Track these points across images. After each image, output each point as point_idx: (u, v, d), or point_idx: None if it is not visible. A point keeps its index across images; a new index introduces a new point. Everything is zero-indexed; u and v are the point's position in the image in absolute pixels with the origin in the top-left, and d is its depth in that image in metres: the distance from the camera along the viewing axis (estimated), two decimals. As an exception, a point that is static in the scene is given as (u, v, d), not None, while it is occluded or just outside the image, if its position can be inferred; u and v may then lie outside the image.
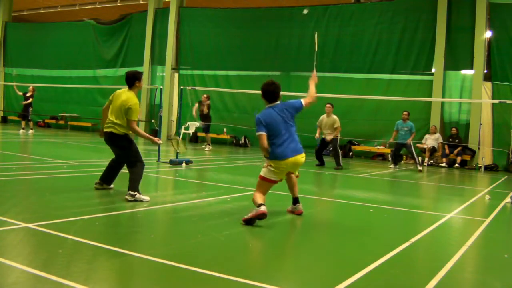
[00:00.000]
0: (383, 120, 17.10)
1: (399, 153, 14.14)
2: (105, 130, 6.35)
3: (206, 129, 16.47)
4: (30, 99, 18.50)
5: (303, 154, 5.67)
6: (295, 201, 6.00)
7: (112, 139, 6.30)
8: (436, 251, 4.80)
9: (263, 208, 5.19)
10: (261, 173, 5.64)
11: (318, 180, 10.77)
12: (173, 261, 3.65)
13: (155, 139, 6.61)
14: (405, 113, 13.66)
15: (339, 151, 12.93)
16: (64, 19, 27.40)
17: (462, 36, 16.07)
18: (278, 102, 5.70)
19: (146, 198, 6.10)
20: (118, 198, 6.40)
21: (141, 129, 20.90)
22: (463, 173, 14.14)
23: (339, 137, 13.09)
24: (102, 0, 25.26)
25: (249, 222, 5.17)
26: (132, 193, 6.01)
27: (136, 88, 6.39)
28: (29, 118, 18.76)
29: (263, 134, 5.53)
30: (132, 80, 6.33)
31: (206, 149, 16.21)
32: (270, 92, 5.64)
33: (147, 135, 6.62)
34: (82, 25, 24.37)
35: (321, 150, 13.10)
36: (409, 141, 13.39)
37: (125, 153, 6.35)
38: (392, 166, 13.87)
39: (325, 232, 5.49)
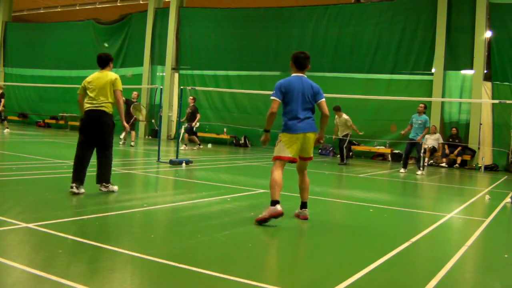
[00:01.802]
0: (383, 120, 17.11)
1: (409, 155, 13.11)
2: (94, 108, 6.35)
3: (188, 131, 15.92)
4: (2, 100, 18.29)
5: (313, 134, 5.57)
6: (303, 205, 5.78)
7: (101, 118, 6.36)
8: (436, 251, 4.79)
9: (279, 207, 5.19)
10: (274, 153, 5.54)
11: (318, 180, 10.76)
12: (173, 261, 3.65)
13: (126, 126, 7.04)
14: (421, 105, 12.75)
15: (344, 148, 13.80)
16: (64, 19, 27.42)
17: (462, 36, 16.08)
18: (304, 75, 5.63)
19: (116, 187, 6.55)
20: (118, 198, 6.40)
21: (141, 129, 20.86)
22: (463, 173, 14.14)
23: (349, 134, 14.16)
24: (102, 0, 25.27)
25: (264, 221, 5.18)
26: (106, 184, 6.44)
27: (109, 68, 6.68)
28: (2, 118, 18.57)
29: (276, 100, 5.45)
30: (106, 61, 6.64)
31: (182, 148, 15.79)
32: (300, 59, 5.61)
33: (123, 114, 6.73)
34: (82, 25, 24.41)
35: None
36: (420, 138, 12.41)
37: (107, 134, 6.46)
38: (402, 170, 12.73)
39: (325, 232, 5.49)
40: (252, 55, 19.66)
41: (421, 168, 12.63)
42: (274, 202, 5.25)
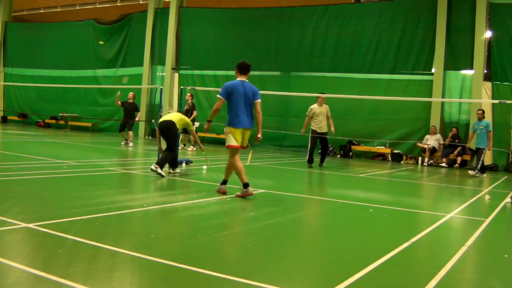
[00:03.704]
0: (383, 120, 17.11)
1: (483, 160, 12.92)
2: (165, 119, 8.87)
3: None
4: None
5: (251, 130, 6.94)
6: (245, 185, 6.81)
7: (169, 127, 8.85)
8: (436, 251, 4.80)
9: (250, 189, 6.73)
10: (226, 143, 6.99)
11: (318, 180, 10.77)
12: (173, 261, 3.65)
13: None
14: (479, 111, 12.92)
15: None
16: (64, 19, 27.41)
17: (462, 36, 16.07)
18: (247, 80, 6.99)
19: (164, 174, 8.44)
20: (118, 198, 6.41)
21: (141, 129, 20.78)
22: (463, 173, 14.13)
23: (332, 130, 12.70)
24: (102, 0, 25.26)
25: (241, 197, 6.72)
26: (156, 165, 8.38)
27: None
28: None
29: (221, 99, 6.89)
30: None
31: (189, 149, 15.73)
32: (244, 67, 7.02)
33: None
34: (82, 25, 24.38)
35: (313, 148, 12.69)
36: (490, 145, 12.56)
37: (172, 137, 8.84)
38: (478, 174, 12.78)
39: (325, 232, 5.49)
40: (252, 55, 19.59)
41: (477, 170, 12.75)
42: (245, 185, 6.72)
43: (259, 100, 6.94)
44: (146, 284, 3.32)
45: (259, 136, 6.97)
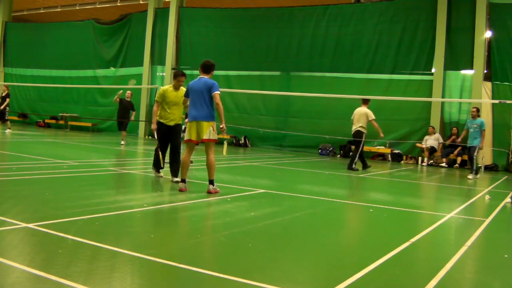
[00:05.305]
0: (383, 120, 17.00)
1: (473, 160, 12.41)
2: (172, 124, 8.07)
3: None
4: (7, 100, 18.27)
5: (204, 122, 6.92)
6: (210, 182, 7.03)
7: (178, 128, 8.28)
8: (436, 251, 4.80)
9: (182, 185, 6.99)
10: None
11: (318, 180, 10.77)
12: (173, 261, 3.65)
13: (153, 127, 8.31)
14: (473, 109, 12.54)
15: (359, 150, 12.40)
16: (64, 19, 27.42)
17: (462, 36, 16.08)
18: (207, 76, 7.09)
19: (160, 174, 8.44)
20: (118, 198, 6.41)
21: (141, 129, 20.68)
22: (463, 173, 14.13)
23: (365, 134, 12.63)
24: (102, 0, 25.26)
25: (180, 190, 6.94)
26: (153, 168, 8.55)
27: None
28: (6, 118, 18.42)
29: (185, 99, 7.22)
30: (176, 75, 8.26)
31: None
32: (206, 66, 7.16)
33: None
34: (82, 25, 24.40)
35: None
36: (482, 144, 12.10)
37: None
38: (473, 176, 12.18)
39: (325, 232, 5.49)
40: (252, 55, 19.64)
41: (474, 172, 12.22)
42: (183, 180, 7.02)
43: (216, 92, 6.93)
44: (146, 284, 3.32)
45: (221, 126, 6.99)
